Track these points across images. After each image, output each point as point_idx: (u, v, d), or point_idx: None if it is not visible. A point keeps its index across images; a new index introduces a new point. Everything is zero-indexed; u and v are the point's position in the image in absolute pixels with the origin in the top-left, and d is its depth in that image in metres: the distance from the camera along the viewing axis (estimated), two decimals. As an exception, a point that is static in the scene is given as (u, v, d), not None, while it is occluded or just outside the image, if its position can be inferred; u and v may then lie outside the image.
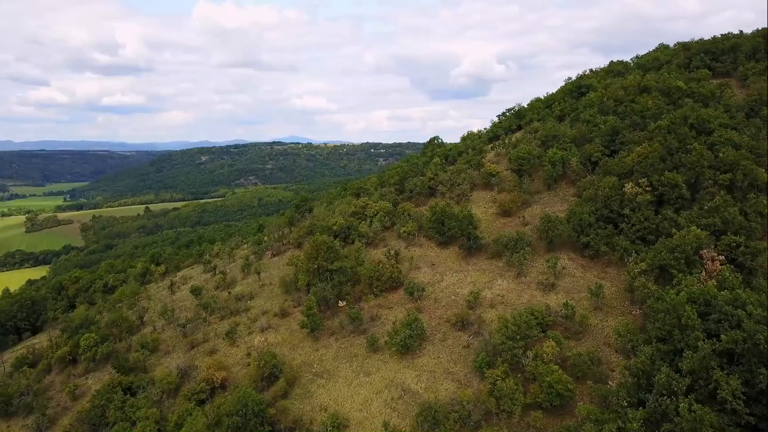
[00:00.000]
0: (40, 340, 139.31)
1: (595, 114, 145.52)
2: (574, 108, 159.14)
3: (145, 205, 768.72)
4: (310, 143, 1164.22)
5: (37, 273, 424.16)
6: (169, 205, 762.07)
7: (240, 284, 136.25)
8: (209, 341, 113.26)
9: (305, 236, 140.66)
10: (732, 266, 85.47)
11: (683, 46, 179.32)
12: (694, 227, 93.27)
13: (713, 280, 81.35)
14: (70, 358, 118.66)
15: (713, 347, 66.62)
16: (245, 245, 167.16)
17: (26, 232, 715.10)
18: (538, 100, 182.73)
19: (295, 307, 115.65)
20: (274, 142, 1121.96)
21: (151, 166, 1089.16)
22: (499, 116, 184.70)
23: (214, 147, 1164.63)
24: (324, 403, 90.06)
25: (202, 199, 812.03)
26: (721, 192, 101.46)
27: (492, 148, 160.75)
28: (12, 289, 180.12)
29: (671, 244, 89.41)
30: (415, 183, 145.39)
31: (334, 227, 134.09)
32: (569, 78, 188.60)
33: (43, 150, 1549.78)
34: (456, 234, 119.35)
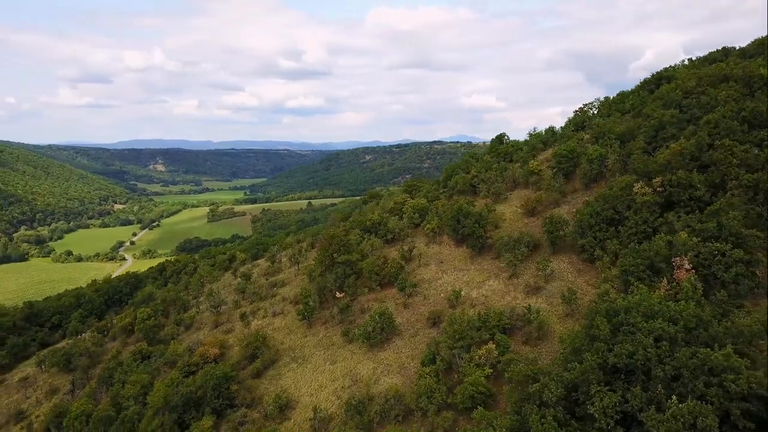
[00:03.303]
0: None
1: (656, 107, 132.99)
2: (643, 102, 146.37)
3: (308, 201, 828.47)
4: (469, 142, 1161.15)
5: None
6: (329, 201, 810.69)
7: (283, 272, 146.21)
8: (231, 322, 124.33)
9: (349, 230, 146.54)
10: (696, 276, 75.97)
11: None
12: (683, 233, 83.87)
13: (661, 291, 73.46)
14: (130, 328, 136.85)
15: (602, 360, 61.12)
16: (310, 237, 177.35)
17: (208, 221, 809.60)
18: (621, 93, 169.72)
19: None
20: (434, 142, 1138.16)
21: (320, 164, 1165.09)
22: (575, 112, 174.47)
23: (378, 147, 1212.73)
24: (286, 385, 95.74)
25: (359, 195, 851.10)
26: (726, 195, 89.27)
27: (549, 146, 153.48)
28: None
29: (638, 250, 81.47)
30: (457, 180, 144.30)
31: (368, 223, 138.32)
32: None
33: (233, 149, 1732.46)
34: (467, 232, 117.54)
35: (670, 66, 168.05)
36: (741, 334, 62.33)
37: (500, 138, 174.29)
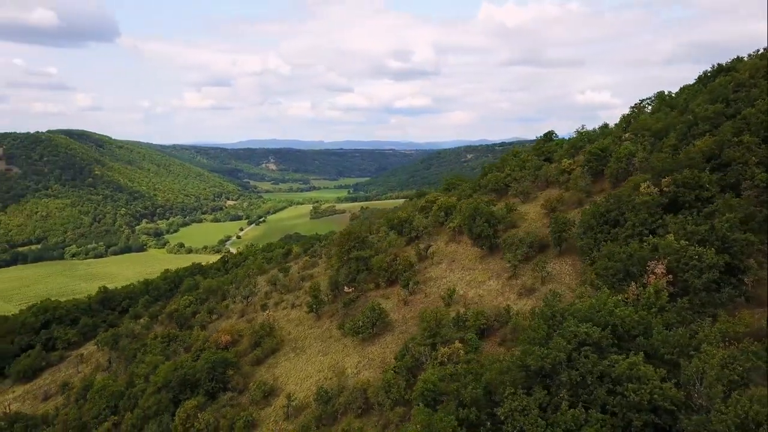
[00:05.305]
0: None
1: (702, 102, 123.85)
2: (694, 96, 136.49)
3: (403, 199, 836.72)
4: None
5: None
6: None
7: (317, 267, 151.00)
8: (255, 312, 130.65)
9: (379, 227, 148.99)
10: (674, 281, 71.23)
11: None
12: (670, 235, 78.77)
13: (629, 295, 69.78)
14: (175, 314, 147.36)
15: (521, 362, 59.54)
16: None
17: (310, 218, 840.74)
18: (682, 88, 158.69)
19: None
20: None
21: (421, 164, 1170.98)
22: (631, 108, 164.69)
23: (480, 145, 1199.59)
24: (279, 373, 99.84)
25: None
26: (727, 195, 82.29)
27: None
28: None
29: (613, 252, 77.48)
30: (489, 179, 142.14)
31: (395, 220, 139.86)
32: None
33: (341, 149, 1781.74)
34: (478, 231, 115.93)
35: (736, 57, 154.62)
36: (678, 344, 58.22)
37: (548, 135, 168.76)
